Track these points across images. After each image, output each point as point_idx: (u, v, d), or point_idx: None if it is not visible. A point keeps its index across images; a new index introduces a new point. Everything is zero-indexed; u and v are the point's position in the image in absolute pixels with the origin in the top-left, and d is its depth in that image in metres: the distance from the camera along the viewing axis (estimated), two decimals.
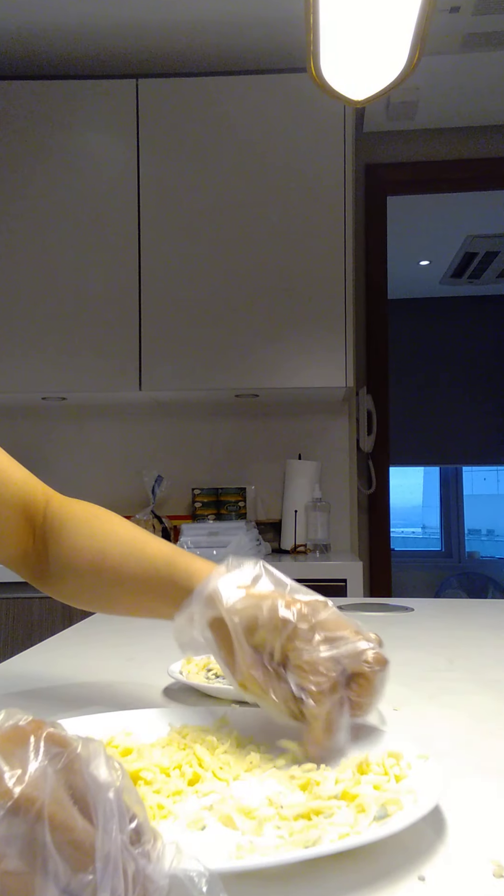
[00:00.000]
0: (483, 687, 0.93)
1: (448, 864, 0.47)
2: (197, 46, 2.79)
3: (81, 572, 0.86)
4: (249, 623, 0.65)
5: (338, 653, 0.62)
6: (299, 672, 0.62)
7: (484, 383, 5.77)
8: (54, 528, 0.88)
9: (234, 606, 0.66)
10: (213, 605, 0.67)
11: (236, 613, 0.65)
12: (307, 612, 0.64)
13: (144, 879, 0.32)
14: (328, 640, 0.63)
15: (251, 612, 0.65)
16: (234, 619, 0.65)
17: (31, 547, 0.90)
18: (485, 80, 2.86)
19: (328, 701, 0.60)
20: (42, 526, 0.89)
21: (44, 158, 2.77)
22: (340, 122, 2.72)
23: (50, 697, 0.90)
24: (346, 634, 0.64)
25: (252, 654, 0.64)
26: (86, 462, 3.09)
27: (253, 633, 0.64)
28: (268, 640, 0.64)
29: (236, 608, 0.66)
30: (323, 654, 0.62)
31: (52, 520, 0.89)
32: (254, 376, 2.73)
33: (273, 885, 0.45)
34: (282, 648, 0.63)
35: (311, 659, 0.62)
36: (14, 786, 0.32)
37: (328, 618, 0.65)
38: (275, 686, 0.63)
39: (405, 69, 1.15)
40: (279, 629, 0.63)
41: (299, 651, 0.62)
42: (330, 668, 0.61)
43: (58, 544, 0.87)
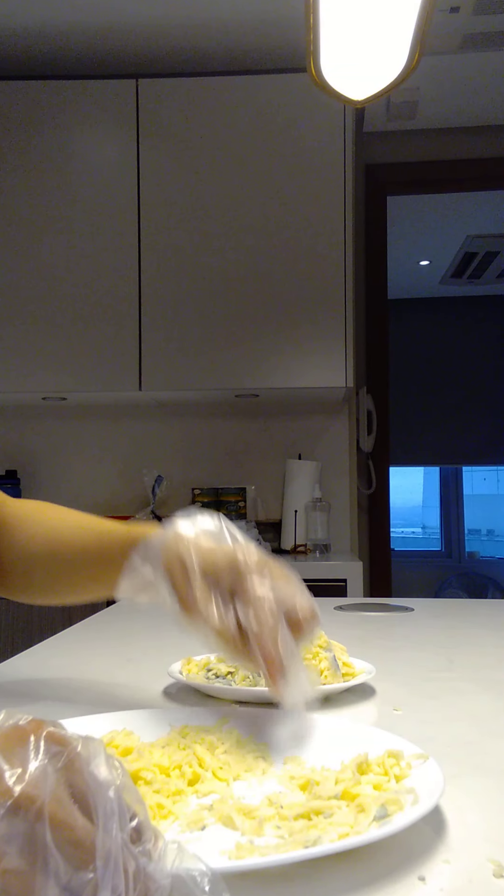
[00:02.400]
0: (483, 687, 0.93)
1: (448, 864, 0.47)
2: (197, 46, 2.79)
3: (36, 558, 0.87)
4: (206, 561, 0.70)
5: (279, 592, 0.69)
6: (248, 605, 0.67)
7: (484, 383, 5.77)
8: (6, 526, 0.90)
9: (194, 544, 0.71)
10: (171, 545, 0.71)
11: (195, 552, 0.70)
12: (258, 561, 0.71)
13: (145, 878, 0.32)
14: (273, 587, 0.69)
15: (209, 555, 0.71)
16: (192, 555, 0.70)
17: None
18: (485, 80, 2.86)
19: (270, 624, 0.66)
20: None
21: (44, 158, 2.77)
22: (340, 122, 2.72)
23: (50, 697, 0.90)
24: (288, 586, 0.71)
25: (205, 587, 0.69)
26: (86, 462, 3.09)
27: (207, 570, 0.70)
28: (221, 576, 0.69)
29: (196, 547, 0.71)
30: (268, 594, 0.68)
31: (3, 520, 0.90)
32: (254, 376, 2.73)
33: (273, 885, 0.45)
34: (230, 584, 0.69)
35: (255, 595, 0.67)
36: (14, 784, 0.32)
37: (279, 572, 0.72)
38: (223, 613, 0.68)
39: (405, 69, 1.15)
40: (233, 569, 0.69)
41: (247, 587, 0.68)
42: (272, 605, 0.67)
43: (11, 538, 0.89)
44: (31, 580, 0.90)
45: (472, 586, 5.72)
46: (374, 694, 0.90)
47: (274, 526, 2.97)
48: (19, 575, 0.89)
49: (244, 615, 0.67)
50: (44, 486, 3.05)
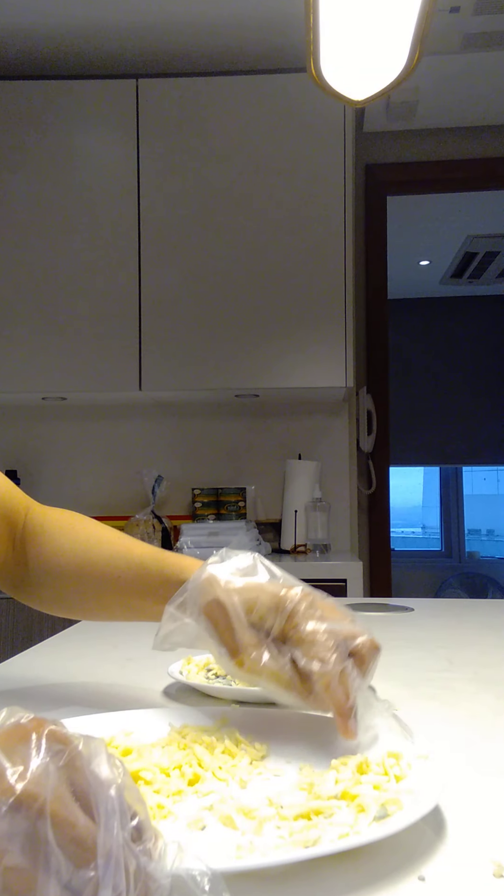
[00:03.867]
0: (483, 687, 0.93)
1: (448, 864, 0.47)
2: (197, 46, 2.79)
3: (65, 576, 0.85)
4: (248, 604, 0.66)
5: (336, 630, 0.63)
6: (302, 644, 0.63)
7: (484, 383, 5.77)
8: (35, 535, 0.88)
9: (232, 587, 0.67)
10: (208, 590, 0.67)
11: (235, 593, 0.66)
12: (304, 597, 0.66)
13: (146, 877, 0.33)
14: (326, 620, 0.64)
15: (250, 594, 0.66)
16: (233, 598, 0.66)
17: (9, 556, 0.89)
18: (485, 80, 2.86)
19: (337, 667, 0.61)
20: (21, 534, 0.89)
21: (44, 158, 2.77)
22: (340, 122, 2.72)
23: (50, 697, 0.90)
24: (342, 618, 0.66)
25: (251, 631, 0.65)
26: (86, 462, 3.09)
27: (251, 613, 0.65)
28: (267, 618, 0.65)
29: (235, 588, 0.66)
30: (322, 630, 0.63)
31: (31, 527, 0.89)
32: (254, 376, 2.73)
33: (273, 885, 0.45)
34: (280, 627, 0.64)
35: (313, 630, 0.63)
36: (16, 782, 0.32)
37: (326, 603, 0.67)
38: (276, 660, 0.63)
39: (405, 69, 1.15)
40: (279, 608, 0.65)
41: (300, 626, 0.63)
42: (330, 643, 0.62)
43: (39, 550, 0.86)
44: (61, 597, 0.88)
45: (472, 586, 5.72)
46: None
47: (274, 526, 2.97)
48: (48, 589, 0.87)
49: (301, 656, 0.62)
50: (44, 486, 3.05)
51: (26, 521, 0.89)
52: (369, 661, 0.64)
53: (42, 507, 0.92)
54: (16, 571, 0.88)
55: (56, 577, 0.85)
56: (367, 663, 0.64)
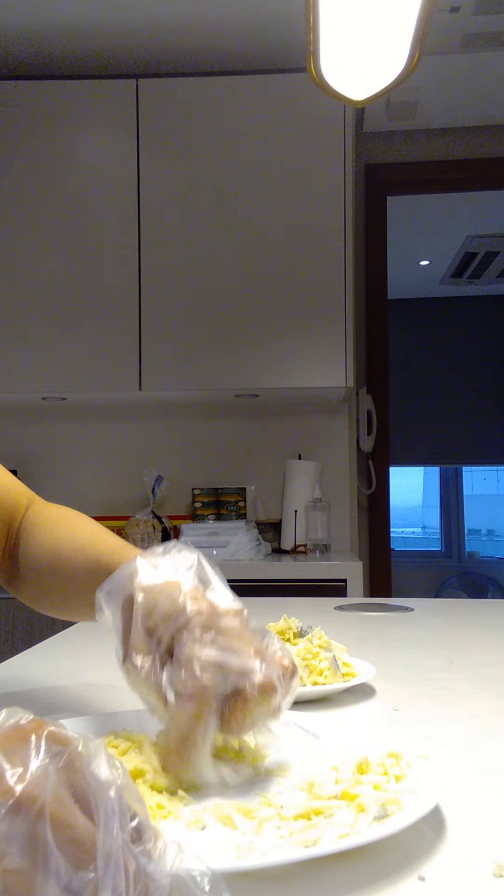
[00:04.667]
0: (483, 687, 0.93)
1: (448, 864, 0.47)
2: (197, 46, 2.79)
3: (41, 572, 0.84)
4: (150, 605, 0.60)
5: (222, 661, 0.56)
6: (176, 666, 0.57)
7: (484, 383, 5.77)
8: (26, 530, 0.87)
9: (143, 585, 0.62)
10: (130, 583, 0.63)
11: (142, 592, 0.61)
12: (207, 611, 0.59)
13: (145, 878, 0.33)
14: (219, 646, 0.57)
15: (155, 596, 0.61)
16: (139, 597, 0.61)
17: (5, 551, 0.89)
18: (485, 80, 2.86)
19: (189, 704, 0.55)
20: (17, 529, 0.89)
21: (44, 158, 2.77)
22: (340, 122, 2.72)
23: (50, 698, 0.90)
24: (242, 647, 0.58)
25: (143, 636, 0.60)
26: (86, 462, 3.09)
27: (148, 617, 0.60)
28: (160, 626, 0.59)
29: (144, 587, 0.62)
30: (205, 656, 0.57)
31: (26, 523, 0.88)
32: (254, 376, 2.73)
33: (273, 885, 0.45)
34: (170, 638, 0.59)
35: (189, 655, 0.57)
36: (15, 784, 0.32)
37: (232, 626, 0.59)
38: (152, 674, 0.58)
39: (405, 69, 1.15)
40: (173, 619, 0.59)
41: (182, 645, 0.57)
42: (205, 672, 0.56)
43: (26, 545, 0.86)
44: (40, 594, 0.87)
45: (472, 586, 5.72)
46: (374, 694, 0.90)
47: (274, 526, 2.97)
48: (30, 585, 0.87)
49: (167, 675, 0.57)
50: (44, 486, 3.05)
51: (25, 516, 0.89)
52: (251, 707, 0.56)
53: (43, 502, 0.92)
54: (10, 567, 0.88)
55: (34, 572, 0.85)
56: (248, 704, 0.56)
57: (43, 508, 0.91)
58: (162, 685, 0.57)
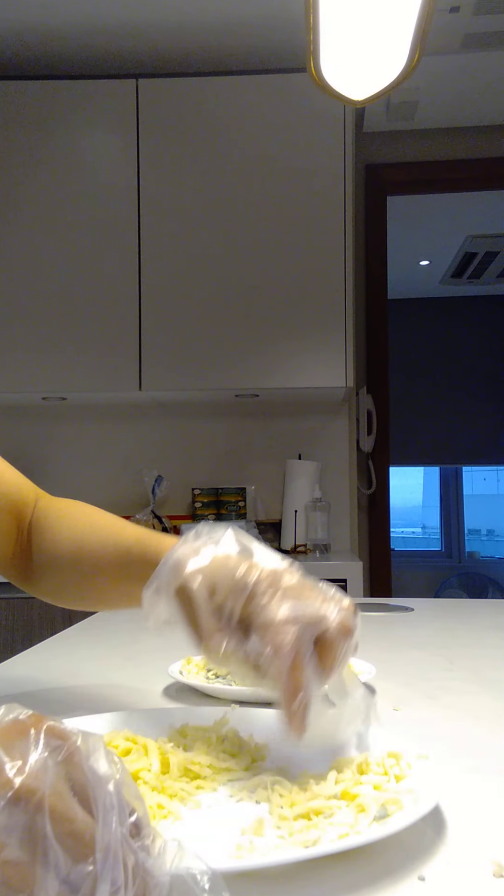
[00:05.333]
0: (483, 687, 0.93)
1: (448, 864, 0.47)
2: (197, 46, 2.79)
3: (62, 566, 0.84)
4: (210, 586, 0.63)
5: (298, 614, 0.59)
6: (259, 632, 0.59)
7: (484, 383, 5.77)
8: (39, 526, 0.88)
9: (195, 570, 0.64)
10: (177, 574, 0.65)
11: (199, 576, 0.63)
12: (269, 576, 0.63)
13: (144, 873, 0.33)
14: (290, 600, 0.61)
15: (211, 576, 0.63)
16: (194, 583, 0.63)
17: (18, 547, 0.89)
18: (485, 80, 2.86)
19: (287, 654, 0.57)
20: (28, 525, 0.89)
21: (44, 158, 2.77)
22: (340, 122, 2.72)
23: (50, 697, 0.90)
24: (310, 598, 0.61)
25: (214, 616, 0.62)
26: (86, 462, 3.09)
27: (213, 597, 0.62)
28: (228, 602, 0.62)
29: (200, 570, 0.64)
30: (282, 613, 0.59)
31: (37, 518, 0.89)
32: (254, 376, 2.73)
33: (273, 885, 0.45)
34: (241, 610, 0.61)
35: (267, 618, 0.59)
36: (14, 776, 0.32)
37: (291, 583, 0.63)
38: (238, 647, 0.61)
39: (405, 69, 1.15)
40: (239, 591, 0.62)
41: (257, 611, 0.60)
42: (288, 628, 0.58)
43: (41, 540, 0.87)
44: (61, 587, 0.87)
45: (472, 586, 5.72)
46: (374, 694, 0.90)
47: (274, 526, 2.97)
48: (49, 579, 0.86)
49: (255, 641, 0.59)
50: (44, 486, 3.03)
51: (34, 511, 0.89)
52: (337, 647, 0.60)
53: (50, 498, 0.93)
54: (23, 564, 0.89)
55: (55, 566, 0.85)
56: (335, 650, 0.60)
57: (53, 502, 0.91)
58: (251, 655, 0.59)
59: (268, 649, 0.58)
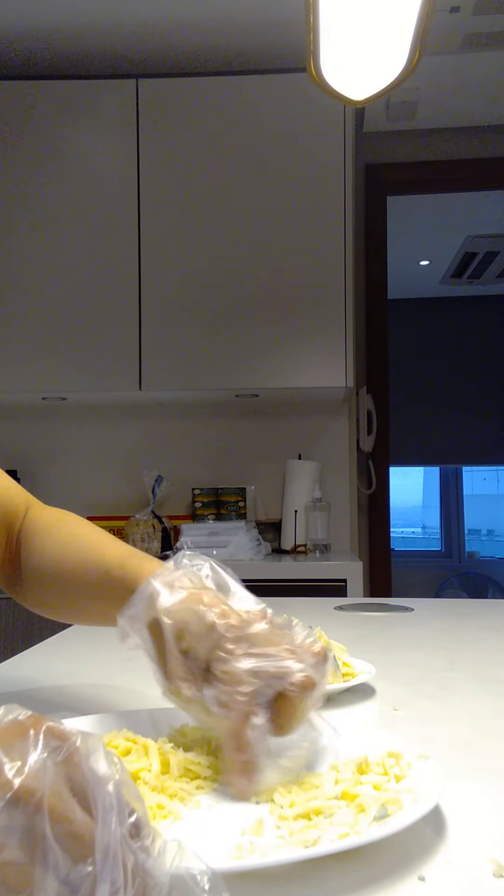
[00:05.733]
0: (483, 687, 0.93)
1: (448, 864, 0.47)
2: (197, 46, 2.79)
3: (46, 577, 0.84)
4: (180, 627, 0.62)
5: (259, 668, 0.58)
6: (216, 682, 0.59)
7: (484, 383, 5.77)
8: (27, 535, 0.88)
9: (168, 608, 0.63)
10: (152, 606, 0.64)
11: (170, 615, 0.62)
12: (236, 623, 0.61)
13: (144, 873, 0.33)
14: (254, 655, 0.59)
15: (183, 616, 0.62)
16: (166, 621, 0.62)
17: (6, 555, 0.89)
18: (485, 80, 2.86)
19: (235, 715, 0.57)
20: (18, 534, 0.89)
21: (44, 158, 2.77)
22: (340, 122, 2.72)
23: (50, 698, 0.90)
24: (275, 651, 0.60)
25: (180, 659, 0.62)
26: (86, 462, 3.09)
27: (182, 638, 0.62)
28: (193, 646, 0.61)
29: (170, 610, 0.63)
30: (243, 666, 0.59)
31: (26, 527, 0.88)
32: (254, 376, 2.73)
33: (273, 885, 0.45)
34: (206, 656, 0.61)
35: (227, 669, 0.59)
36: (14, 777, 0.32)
37: (260, 632, 0.61)
38: (199, 695, 0.60)
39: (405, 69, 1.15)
40: (205, 636, 0.61)
41: (220, 661, 0.60)
42: (244, 682, 0.58)
43: (28, 550, 0.86)
44: (45, 598, 0.87)
45: (472, 586, 5.72)
46: (374, 694, 0.90)
47: (274, 526, 2.97)
48: (34, 589, 0.87)
49: (212, 697, 0.59)
50: (44, 486, 3.05)
51: (24, 519, 0.89)
52: (296, 703, 0.58)
53: (41, 506, 0.92)
54: (12, 572, 0.88)
55: (39, 578, 0.85)
56: (294, 706, 0.58)
57: (42, 512, 0.91)
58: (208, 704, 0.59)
59: (216, 707, 0.58)
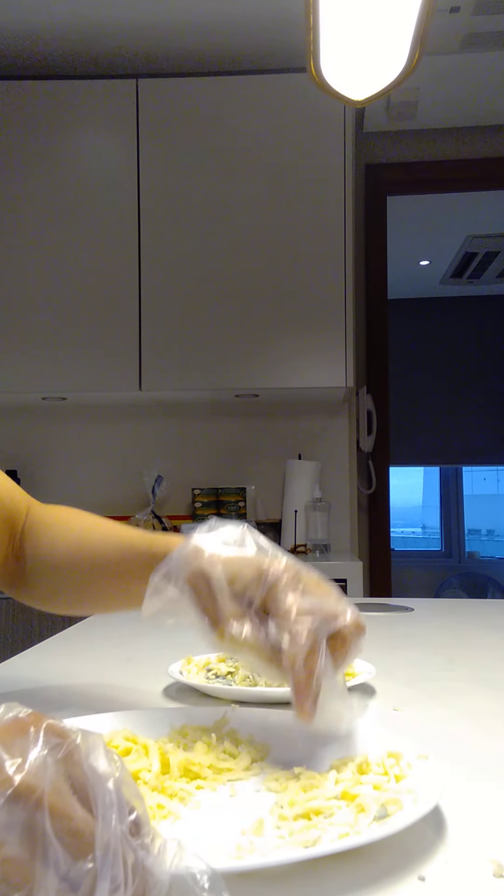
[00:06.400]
0: (483, 687, 0.93)
1: (448, 864, 0.47)
2: (197, 46, 2.79)
3: (59, 567, 0.85)
4: (232, 575, 0.64)
5: (317, 606, 0.62)
6: (278, 619, 0.62)
7: (484, 383, 5.77)
8: (34, 531, 0.88)
9: (217, 557, 0.65)
10: (192, 561, 0.66)
11: (219, 563, 0.65)
12: (288, 569, 0.65)
13: (144, 871, 0.33)
14: (310, 595, 0.63)
15: (234, 565, 0.65)
16: (216, 568, 0.65)
17: (9, 555, 0.89)
18: (485, 80, 2.86)
19: (305, 643, 0.60)
20: (21, 532, 0.89)
21: (44, 158, 2.77)
22: (340, 122, 2.72)
23: (50, 697, 0.90)
24: (327, 595, 0.64)
25: (234, 600, 0.64)
26: (86, 462, 3.09)
27: (234, 584, 0.64)
28: (249, 589, 0.64)
29: (219, 559, 0.65)
30: (304, 605, 0.62)
31: (31, 524, 0.89)
32: (254, 376, 2.73)
33: (273, 885, 0.45)
34: (262, 598, 0.63)
35: (287, 607, 0.62)
36: (14, 774, 0.32)
37: (310, 579, 0.65)
38: (256, 632, 0.62)
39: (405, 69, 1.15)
40: (261, 580, 0.64)
41: (279, 601, 0.62)
42: (306, 619, 0.61)
43: (35, 545, 0.86)
44: (56, 590, 0.87)
45: (472, 586, 5.72)
46: (374, 694, 0.90)
47: (274, 526, 2.97)
48: (43, 583, 0.87)
49: (276, 632, 0.61)
50: (44, 486, 3.05)
51: (27, 518, 0.90)
52: (349, 642, 0.63)
53: (43, 505, 0.93)
54: (14, 569, 0.88)
55: (51, 569, 0.85)
56: (347, 645, 0.62)
57: (47, 509, 0.92)
58: (271, 639, 0.61)
59: (285, 636, 0.60)
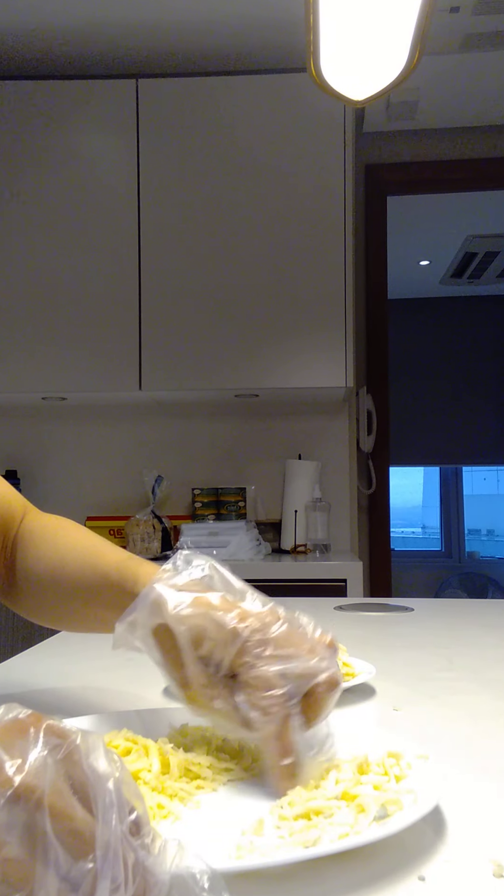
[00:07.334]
0: (483, 687, 0.93)
1: (448, 864, 0.47)
2: (197, 46, 2.79)
3: (42, 583, 0.83)
4: (196, 634, 0.61)
5: (289, 668, 0.59)
6: (247, 688, 0.59)
7: (484, 383, 5.77)
8: (23, 541, 0.87)
9: (179, 614, 0.61)
10: (157, 612, 0.62)
11: (182, 622, 0.61)
12: (258, 626, 0.61)
13: (144, 871, 0.33)
14: (279, 657, 0.59)
15: (198, 622, 0.61)
16: (180, 628, 0.61)
17: (2, 562, 0.88)
18: (485, 80, 2.86)
19: (276, 717, 0.57)
20: (13, 540, 0.88)
21: (44, 158, 2.77)
22: (340, 122, 2.72)
23: (50, 698, 0.90)
24: (298, 652, 0.60)
25: (201, 667, 0.61)
26: (86, 462, 3.09)
27: (200, 644, 0.61)
28: (216, 652, 0.60)
29: (182, 616, 0.61)
30: (273, 671, 0.59)
31: (22, 534, 0.88)
32: (254, 376, 2.73)
33: (273, 885, 0.45)
34: (230, 662, 0.60)
35: (259, 674, 0.58)
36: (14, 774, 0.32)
37: (280, 634, 0.61)
38: (225, 700, 0.60)
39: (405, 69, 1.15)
40: (228, 642, 0.60)
41: (248, 666, 0.59)
42: (278, 685, 0.58)
43: (24, 556, 0.86)
44: (40, 604, 0.86)
45: (472, 586, 5.72)
46: (374, 694, 0.90)
47: (274, 526, 2.97)
48: (29, 595, 0.86)
49: (244, 702, 0.58)
50: (43, 486, 3.05)
51: (20, 526, 0.89)
52: (323, 702, 0.59)
53: (38, 513, 0.91)
54: (6, 577, 0.88)
55: (35, 584, 0.84)
56: (321, 705, 0.59)
57: (39, 518, 0.90)
58: (240, 709, 0.59)
59: (255, 713, 0.58)
